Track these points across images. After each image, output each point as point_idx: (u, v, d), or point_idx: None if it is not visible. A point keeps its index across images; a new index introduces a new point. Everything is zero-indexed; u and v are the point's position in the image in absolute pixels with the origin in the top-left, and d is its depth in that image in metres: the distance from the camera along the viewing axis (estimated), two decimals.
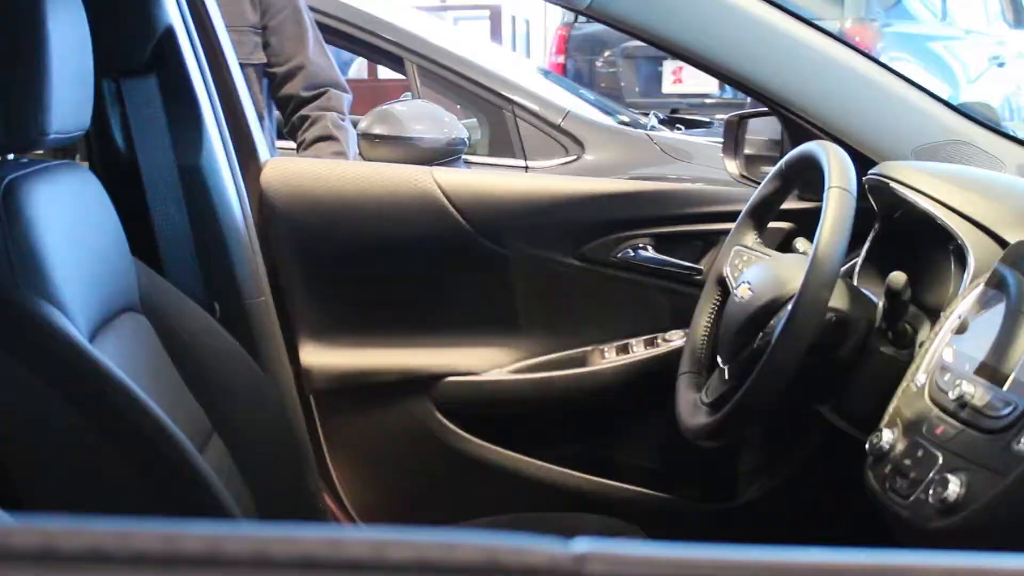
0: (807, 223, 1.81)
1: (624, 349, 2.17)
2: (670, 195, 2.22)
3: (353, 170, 2.19)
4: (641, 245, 2.16)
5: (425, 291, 2.18)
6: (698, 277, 2.14)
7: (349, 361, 2.17)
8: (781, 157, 1.89)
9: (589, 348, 2.19)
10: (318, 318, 2.17)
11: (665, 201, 2.19)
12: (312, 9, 3.54)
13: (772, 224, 1.95)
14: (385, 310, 2.19)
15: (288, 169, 2.18)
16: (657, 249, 2.16)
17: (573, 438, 2.22)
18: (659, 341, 2.16)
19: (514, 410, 2.19)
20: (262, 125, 2.67)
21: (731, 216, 1.99)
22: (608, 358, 2.16)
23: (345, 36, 3.72)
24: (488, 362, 2.17)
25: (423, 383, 2.18)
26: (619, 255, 2.16)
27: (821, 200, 1.60)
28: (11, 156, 1.58)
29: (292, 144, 3.07)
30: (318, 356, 2.17)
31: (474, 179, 2.29)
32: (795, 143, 1.92)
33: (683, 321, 2.06)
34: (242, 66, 2.64)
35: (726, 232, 1.97)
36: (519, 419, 2.20)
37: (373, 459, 2.22)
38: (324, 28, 3.65)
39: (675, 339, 2.13)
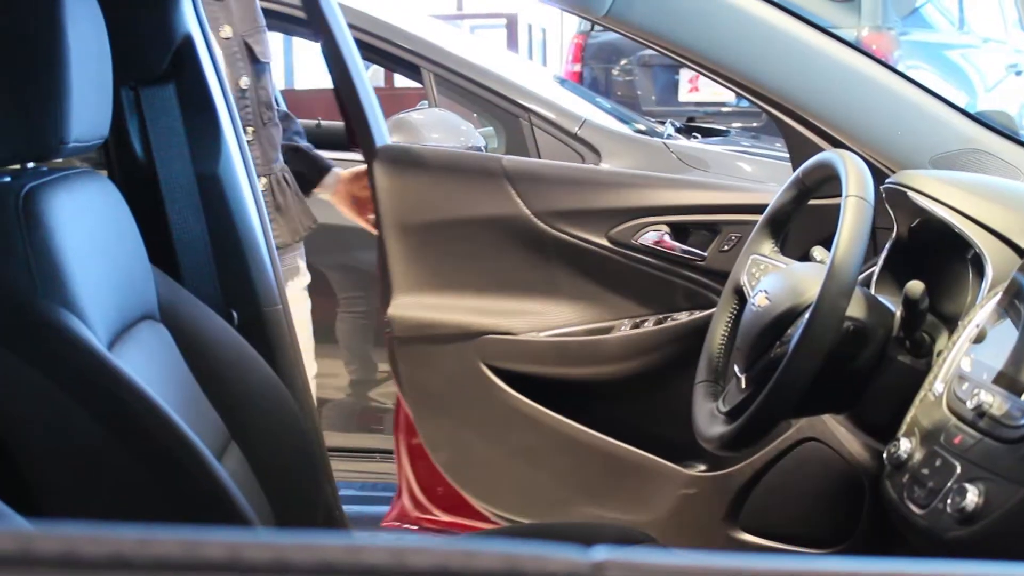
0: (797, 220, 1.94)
1: (639, 326, 2.41)
2: (685, 186, 2.50)
3: (443, 157, 2.54)
4: (659, 231, 2.38)
5: (485, 261, 2.47)
6: (701, 263, 2.36)
7: (416, 314, 2.48)
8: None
9: (615, 322, 2.44)
10: (405, 279, 2.48)
11: (680, 192, 2.43)
12: None
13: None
14: (453, 274, 2.49)
15: (397, 154, 2.51)
16: (673, 236, 2.38)
17: (585, 398, 2.46)
18: (668, 320, 2.39)
19: (537, 368, 2.45)
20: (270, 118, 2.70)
21: (736, 208, 2.29)
22: (623, 332, 2.41)
23: (362, 44, 3.71)
24: (528, 325, 2.46)
25: (472, 338, 2.47)
26: (639, 239, 2.38)
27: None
28: (31, 164, 1.58)
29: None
30: (399, 309, 2.48)
31: (534, 166, 2.72)
32: (797, 155, 1.99)
33: (688, 303, 2.39)
34: (264, 64, 2.65)
35: (729, 223, 2.28)
36: (542, 376, 2.45)
37: (436, 398, 2.52)
38: None
39: (680, 318, 2.37)
